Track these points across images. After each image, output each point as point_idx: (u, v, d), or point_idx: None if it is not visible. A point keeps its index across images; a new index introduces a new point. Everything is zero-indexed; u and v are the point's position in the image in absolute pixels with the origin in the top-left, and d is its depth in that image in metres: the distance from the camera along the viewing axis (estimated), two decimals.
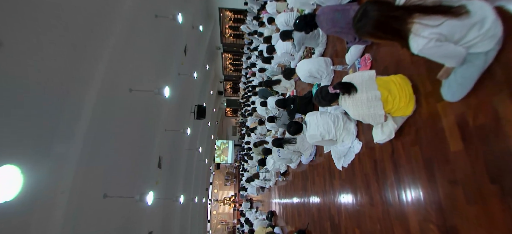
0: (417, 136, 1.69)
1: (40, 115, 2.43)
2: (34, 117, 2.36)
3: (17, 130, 2.20)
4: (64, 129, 2.72)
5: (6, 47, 1.90)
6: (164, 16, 5.29)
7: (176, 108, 7.09)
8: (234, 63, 15.29)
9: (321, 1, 2.68)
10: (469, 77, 1.25)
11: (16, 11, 2.00)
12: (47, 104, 2.49)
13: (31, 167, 2.18)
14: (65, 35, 2.60)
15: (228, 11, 11.65)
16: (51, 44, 2.43)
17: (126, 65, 4.10)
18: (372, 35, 1.27)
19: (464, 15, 1.10)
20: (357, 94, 1.73)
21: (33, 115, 2.35)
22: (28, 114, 2.29)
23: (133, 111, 4.62)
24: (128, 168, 4.61)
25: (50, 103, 2.52)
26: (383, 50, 2.16)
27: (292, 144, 3.67)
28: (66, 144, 2.77)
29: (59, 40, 2.52)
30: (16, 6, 1.99)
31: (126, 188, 4.44)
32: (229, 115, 22.29)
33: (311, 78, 3.27)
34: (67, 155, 2.79)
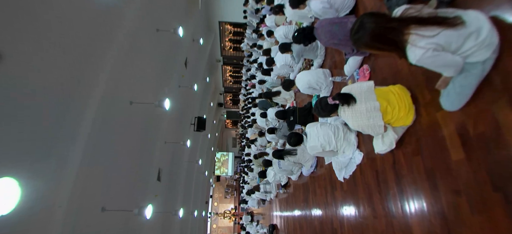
0: (418, 146, 1.69)
1: (39, 128, 2.43)
2: (33, 129, 2.36)
3: (16, 142, 2.19)
4: (63, 142, 2.71)
5: (7, 60, 1.93)
6: (165, 30, 5.39)
7: (176, 120, 7.11)
8: (234, 75, 15.44)
9: (319, 14, 2.74)
10: (467, 86, 1.26)
11: (18, 25, 2.03)
12: (46, 117, 2.49)
13: (29, 180, 2.16)
14: (67, 49, 2.64)
15: (228, 24, 11.89)
16: (52, 58, 2.46)
17: (127, 78, 4.15)
18: (370, 47, 1.29)
19: (460, 25, 1.12)
20: (356, 105, 1.74)
21: (32, 127, 2.35)
22: (27, 126, 2.29)
23: (133, 123, 4.62)
24: (127, 181, 4.56)
25: (49, 115, 2.53)
26: (381, 61, 2.19)
27: (293, 155, 3.65)
28: (64, 157, 2.76)
29: (60, 55, 2.56)
30: (18, 20, 2.03)
31: (125, 201, 4.38)
32: (229, 126, 22.27)
33: (310, 89, 3.29)
34: (66, 168, 2.77)
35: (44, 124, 2.48)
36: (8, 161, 2.11)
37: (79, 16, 2.74)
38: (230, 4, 10.23)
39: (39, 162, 2.44)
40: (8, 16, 1.93)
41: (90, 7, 2.90)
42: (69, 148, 2.79)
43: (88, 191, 3.33)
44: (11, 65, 1.98)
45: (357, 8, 2.58)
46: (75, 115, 2.87)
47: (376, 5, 2.27)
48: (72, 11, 2.61)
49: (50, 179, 2.58)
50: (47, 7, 2.28)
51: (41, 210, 2.47)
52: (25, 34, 2.11)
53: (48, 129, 2.53)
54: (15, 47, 2.03)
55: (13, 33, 2.00)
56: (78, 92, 2.90)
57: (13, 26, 1.99)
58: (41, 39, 2.28)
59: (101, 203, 3.64)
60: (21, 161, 2.25)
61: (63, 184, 2.75)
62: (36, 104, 2.36)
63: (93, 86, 3.14)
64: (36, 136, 2.40)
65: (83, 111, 3.00)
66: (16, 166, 2.15)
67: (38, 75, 2.34)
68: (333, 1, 2.58)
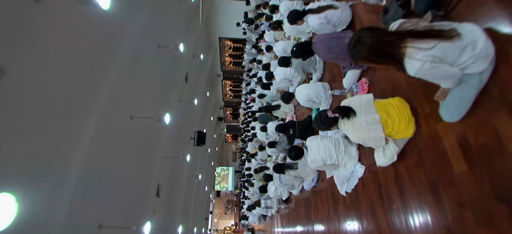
0: (419, 158, 1.68)
1: (37, 142, 2.42)
2: (32, 144, 2.35)
3: (14, 157, 2.18)
4: (61, 157, 2.70)
5: (8, 75, 1.95)
6: (166, 46, 5.50)
7: (176, 134, 7.09)
8: (234, 90, 15.58)
9: (317, 30, 2.81)
10: (466, 97, 1.28)
11: (20, 41, 2.07)
12: (45, 131, 2.49)
13: (26, 195, 2.13)
14: (68, 66, 2.67)
15: (228, 40, 12.14)
16: (53, 74, 2.49)
17: (128, 93, 4.18)
18: (367, 60, 1.31)
19: (456, 38, 1.15)
20: (356, 118, 1.74)
21: (31, 142, 2.34)
22: (26, 141, 2.29)
23: (133, 138, 4.61)
24: (125, 198, 4.48)
25: (49, 130, 2.52)
26: (379, 74, 2.22)
27: (294, 169, 3.62)
28: (63, 172, 2.73)
29: (61, 71, 2.59)
30: (21, 37, 2.07)
31: (123, 218, 4.28)
32: (229, 141, 22.19)
33: (310, 102, 3.31)
34: (64, 183, 2.74)
35: (43, 138, 2.48)
36: (5, 176, 2.08)
37: (82, 33, 2.81)
38: (230, 21, 10.49)
39: (37, 177, 2.41)
40: (11, 32, 1.97)
41: (93, 25, 2.97)
42: (67, 163, 2.77)
43: (86, 207, 3.27)
44: (13, 80, 2.00)
45: (354, 23, 2.65)
46: (74, 130, 2.87)
47: (372, 20, 2.33)
48: (75, 28, 2.67)
49: (48, 194, 2.55)
50: (50, 24, 2.34)
51: (38, 226, 2.42)
52: (27, 50, 2.15)
53: (47, 143, 2.52)
54: (17, 63, 2.06)
55: (16, 49, 2.04)
56: (78, 107, 2.92)
57: (16, 42, 2.02)
58: (43, 55, 2.31)
59: (99, 219, 3.56)
60: (19, 176, 2.22)
61: (60, 200, 2.70)
62: (36, 119, 2.37)
63: (93, 101, 3.16)
64: (35, 151, 2.38)
65: (83, 127, 3.01)
66: (13, 181, 2.13)
67: (39, 90, 2.35)
68: (330, 17, 2.65)
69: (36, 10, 2.10)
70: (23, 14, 2.03)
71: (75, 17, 2.61)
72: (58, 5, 2.30)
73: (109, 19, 3.15)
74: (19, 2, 1.98)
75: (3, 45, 1.92)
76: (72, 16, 2.56)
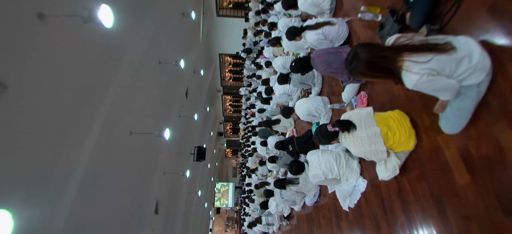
0: (422, 171, 1.66)
1: (36, 158, 2.40)
2: (30, 159, 2.33)
3: (10, 173, 2.15)
4: (60, 173, 2.66)
5: (10, 90, 1.96)
6: (167, 62, 5.58)
7: (176, 150, 7.05)
8: (233, 105, 15.66)
9: (315, 45, 2.86)
10: (465, 109, 1.28)
11: (23, 57, 2.10)
12: (44, 147, 2.47)
13: (23, 212, 2.09)
14: (70, 82, 2.70)
15: (228, 56, 12.36)
16: (54, 89, 2.51)
17: (128, 108, 4.20)
18: (365, 75, 1.33)
19: (451, 51, 1.17)
20: (357, 131, 1.74)
21: (29, 158, 2.32)
22: (24, 156, 2.27)
23: (132, 154, 4.58)
24: (123, 215, 4.39)
25: (48, 146, 2.51)
26: (378, 87, 2.23)
27: (295, 184, 3.56)
28: (60, 189, 2.69)
29: (63, 87, 2.62)
30: (24, 53, 2.10)
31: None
32: (229, 156, 22.02)
33: (310, 116, 3.32)
34: (61, 201, 2.69)
35: (42, 154, 2.46)
36: (2, 192, 2.05)
37: (84, 50, 2.86)
38: (230, 37, 10.73)
39: (34, 193, 2.37)
40: (14, 48, 2.01)
41: (95, 42, 3.03)
42: (65, 179, 2.73)
43: (83, 225, 3.19)
44: (14, 96, 2.01)
45: (351, 39, 2.70)
46: (73, 146, 2.86)
47: (368, 35, 2.38)
48: (78, 45, 2.72)
49: (45, 211, 2.49)
50: (54, 41, 2.38)
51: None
52: (29, 67, 2.18)
53: (46, 160, 2.50)
54: (19, 79, 2.08)
55: (18, 65, 2.06)
56: (78, 124, 2.92)
57: (18, 58, 2.05)
58: (45, 71, 2.34)
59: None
60: (16, 192, 2.19)
61: (58, 216, 2.64)
62: (35, 135, 2.36)
63: (93, 117, 3.17)
64: (33, 166, 2.36)
65: (82, 142, 2.99)
66: (10, 197, 2.09)
67: (39, 105, 2.36)
68: (328, 33, 2.71)
69: (40, 27, 2.15)
70: (26, 31, 2.07)
71: (78, 35, 2.67)
72: (62, 23, 2.36)
73: (111, 37, 3.22)
74: (23, 20, 2.03)
75: (5, 61, 1.95)
76: (75, 34, 2.62)
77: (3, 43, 1.91)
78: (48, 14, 2.14)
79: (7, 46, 1.94)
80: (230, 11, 10.35)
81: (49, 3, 2.20)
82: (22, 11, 2.00)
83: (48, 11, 2.14)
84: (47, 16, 2.13)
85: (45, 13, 2.12)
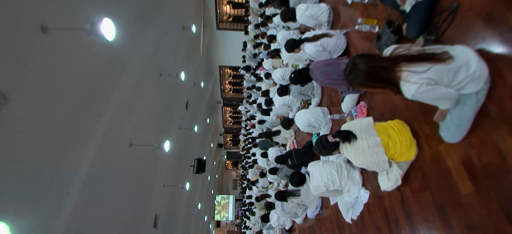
0: (424, 181, 1.64)
1: (35, 170, 2.38)
2: (29, 171, 2.31)
3: (8, 185, 2.13)
4: (58, 185, 2.63)
5: (10, 103, 1.97)
6: (168, 75, 5.64)
7: (175, 162, 7.00)
8: (234, 116, 15.68)
9: (313, 57, 2.89)
10: (465, 117, 1.28)
11: (25, 69, 2.12)
12: (42, 159, 2.46)
13: (21, 224, 2.05)
14: (71, 94, 2.72)
15: (228, 68, 12.49)
16: (55, 101, 2.52)
17: (128, 121, 4.20)
18: (364, 85, 1.34)
19: (448, 60, 1.18)
20: (358, 142, 1.73)
21: (28, 170, 2.30)
22: (23, 169, 2.25)
23: (131, 166, 4.54)
24: (121, 230, 4.29)
25: (46, 158, 2.50)
26: (377, 97, 2.24)
27: (296, 196, 3.51)
28: (59, 201, 2.65)
29: (63, 99, 2.63)
30: (26, 65, 2.13)
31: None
32: (230, 168, 21.83)
33: (310, 127, 3.31)
34: (59, 213, 2.64)
35: (41, 166, 2.44)
36: (0, 204, 2.02)
37: (86, 63, 2.89)
38: (230, 50, 10.89)
39: (32, 207, 2.34)
40: (17, 61, 2.03)
41: (97, 55, 3.07)
42: (64, 192, 2.70)
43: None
44: (14, 108, 2.02)
45: (349, 50, 2.74)
46: (73, 158, 2.84)
47: (366, 47, 2.41)
48: (79, 57, 2.75)
49: (43, 222, 2.45)
50: (55, 54, 2.41)
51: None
52: (31, 78, 2.19)
53: (45, 171, 2.48)
54: (20, 91, 2.09)
55: (20, 77, 2.08)
56: (78, 136, 2.91)
57: (20, 71, 2.07)
58: (46, 83, 2.36)
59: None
60: (14, 204, 2.16)
61: (56, 228, 2.59)
62: (34, 145, 2.35)
63: (93, 129, 3.16)
64: (31, 178, 2.34)
65: (81, 155, 2.97)
66: (8, 209, 2.07)
67: (39, 117, 2.37)
68: (326, 44, 2.75)
69: (43, 40, 2.18)
70: (29, 44, 2.10)
71: (80, 47, 2.71)
72: (65, 36, 2.40)
73: (113, 49, 3.26)
74: (26, 33, 2.06)
75: (8, 72, 1.97)
76: (77, 46, 2.66)
77: (6, 55, 1.93)
78: (52, 27, 2.18)
79: (10, 58, 1.96)
80: (230, 25, 10.55)
81: (53, 17, 2.25)
82: (26, 24, 2.04)
83: (51, 24, 2.18)
84: (50, 29, 2.17)
85: (49, 26, 2.16)
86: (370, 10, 2.36)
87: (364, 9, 2.47)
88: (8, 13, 1.89)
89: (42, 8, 2.16)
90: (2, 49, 1.89)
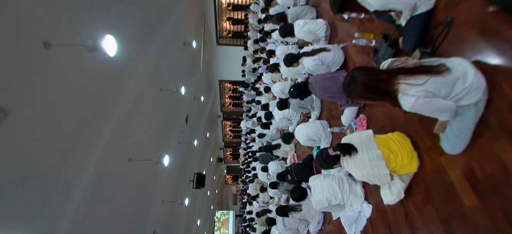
0: (427, 194, 1.61)
1: (34, 185, 2.34)
2: (25, 186, 2.27)
3: (7, 198, 2.09)
4: (56, 200, 2.59)
5: (10, 118, 1.97)
6: (168, 89, 5.68)
7: (175, 177, 6.91)
8: (233, 130, 15.66)
9: (312, 71, 2.93)
10: (465, 129, 1.28)
11: (26, 84, 2.13)
12: (41, 174, 2.43)
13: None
14: (71, 110, 2.72)
15: (228, 83, 12.62)
16: (55, 117, 2.52)
17: (128, 136, 4.18)
18: (362, 98, 1.35)
19: (445, 72, 1.19)
20: (359, 155, 1.72)
21: (26, 184, 2.27)
22: (21, 183, 2.22)
23: (130, 182, 4.47)
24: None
25: (45, 172, 2.47)
26: (377, 110, 2.25)
27: (298, 211, 3.43)
28: (57, 216, 2.60)
29: (64, 114, 2.63)
30: (28, 80, 2.14)
31: None
32: (229, 182, 21.53)
33: (310, 141, 3.30)
34: (57, 228, 2.58)
35: (39, 181, 2.41)
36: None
37: (87, 78, 2.92)
38: (229, 64, 11.05)
39: (29, 220, 2.29)
40: (18, 76, 2.04)
41: (98, 70, 3.10)
42: (62, 207, 2.65)
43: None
44: (14, 123, 2.01)
45: (347, 63, 2.78)
46: (72, 173, 2.80)
47: (364, 60, 2.45)
48: (80, 74, 2.78)
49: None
50: (57, 70, 2.43)
51: None
52: (31, 93, 2.20)
53: (43, 186, 2.44)
54: (20, 106, 2.10)
55: (20, 92, 2.09)
56: (77, 152, 2.89)
57: (21, 85, 2.08)
58: (46, 98, 2.37)
59: None
60: (12, 219, 2.11)
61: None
62: (33, 162, 2.33)
63: (93, 145, 3.14)
64: (29, 192, 2.30)
65: (80, 170, 2.94)
66: (5, 222, 2.01)
67: (39, 132, 2.36)
68: (324, 58, 2.79)
69: (45, 56, 2.21)
70: (31, 59, 2.13)
71: (82, 63, 2.74)
72: (67, 52, 2.43)
73: (114, 65, 3.30)
74: (29, 48, 2.09)
75: (9, 87, 1.98)
76: (78, 62, 2.69)
77: (8, 70, 1.95)
78: (54, 43, 2.21)
79: (11, 73, 1.98)
80: (230, 40, 10.77)
81: (56, 33, 2.29)
82: (28, 39, 2.07)
83: (54, 40, 2.22)
84: (53, 45, 2.21)
85: (51, 42, 2.20)
86: (367, 24, 2.42)
87: (361, 24, 2.52)
88: (12, 28, 1.93)
89: (46, 24, 2.20)
90: (4, 64, 1.91)
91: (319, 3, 3.68)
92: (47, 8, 2.21)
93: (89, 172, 3.03)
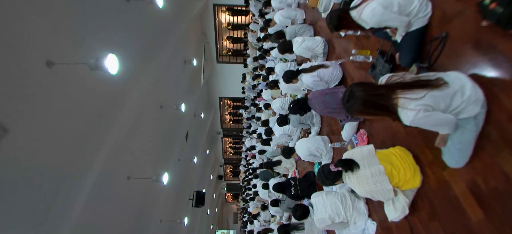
0: (432, 209, 1.57)
1: (32, 200, 2.30)
2: (24, 202, 2.23)
3: (6, 212, 2.05)
4: (54, 218, 2.52)
5: (10, 135, 1.96)
6: (168, 106, 5.71)
7: (174, 195, 6.78)
8: (234, 147, 15.56)
9: (311, 87, 2.96)
10: (466, 142, 1.27)
11: (26, 101, 2.14)
12: (39, 189, 2.38)
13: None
14: (71, 127, 2.72)
15: (228, 99, 12.71)
16: (55, 135, 2.51)
17: (127, 153, 4.15)
18: (362, 113, 1.35)
19: (443, 86, 1.21)
20: (361, 171, 1.69)
21: (23, 198, 2.22)
22: (20, 199, 2.17)
23: (128, 201, 4.38)
24: None
25: (43, 188, 2.42)
26: (377, 125, 2.25)
27: (300, 230, 3.33)
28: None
29: (63, 132, 2.63)
30: (28, 97, 2.15)
31: None
32: (230, 200, 21.08)
33: (311, 156, 3.27)
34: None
35: (36, 199, 2.36)
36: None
37: (87, 95, 2.94)
38: (229, 82, 11.19)
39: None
40: (20, 94, 2.06)
41: (98, 89, 3.12)
42: (59, 225, 2.57)
43: None
44: (14, 140, 2.00)
45: (345, 79, 2.81)
46: (70, 191, 2.75)
47: (362, 76, 2.48)
48: (80, 92, 2.80)
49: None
50: (58, 88, 2.46)
51: None
52: (32, 111, 2.21)
53: (41, 202, 2.39)
54: (21, 123, 2.09)
55: (21, 109, 2.10)
56: (76, 170, 2.85)
57: (21, 102, 2.09)
58: (47, 116, 2.37)
59: None
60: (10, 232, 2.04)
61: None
62: (33, 176, 2.30)
63: (92, 162, 3.11)
64: (27, 208, 2.25)
65: (78, 188, 2.88)
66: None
67: (39, 150, 2.35)
68: (323, 75, 2.83)
69: (48, 74, 2.24)
70: (34, 77, 2.16)
71: (83, 81, 2.77)
72: (70, 71, 2.46)
73: (116, 83, 3.34)
74: (32, 66, 2.12)
75: (10, 105, 1.99)
76: (80, 80, 2.72)
77: (11, 88, 1.97)
78: (57, 62, 2.25)
79: (13, 91, 2.00)
80: (230, 58, 10.98)
81: (59, 52, 2.34)
82: (32, 58, 2.11)
83: (57, 59, 2.26)
84: (56, 64, 2.24)
85: (54, 61, 2.23)
86: (363, 41, 2.47)
87: (357, 40, 2.58)
88: (15, 47, 1.97)
89: (49, 43, 2.26)
90: (7, 82, 1.94)
91: (316, 22, 3.79)
92: (50, 27, 2.27)
93: (87, 190, 2.98)
